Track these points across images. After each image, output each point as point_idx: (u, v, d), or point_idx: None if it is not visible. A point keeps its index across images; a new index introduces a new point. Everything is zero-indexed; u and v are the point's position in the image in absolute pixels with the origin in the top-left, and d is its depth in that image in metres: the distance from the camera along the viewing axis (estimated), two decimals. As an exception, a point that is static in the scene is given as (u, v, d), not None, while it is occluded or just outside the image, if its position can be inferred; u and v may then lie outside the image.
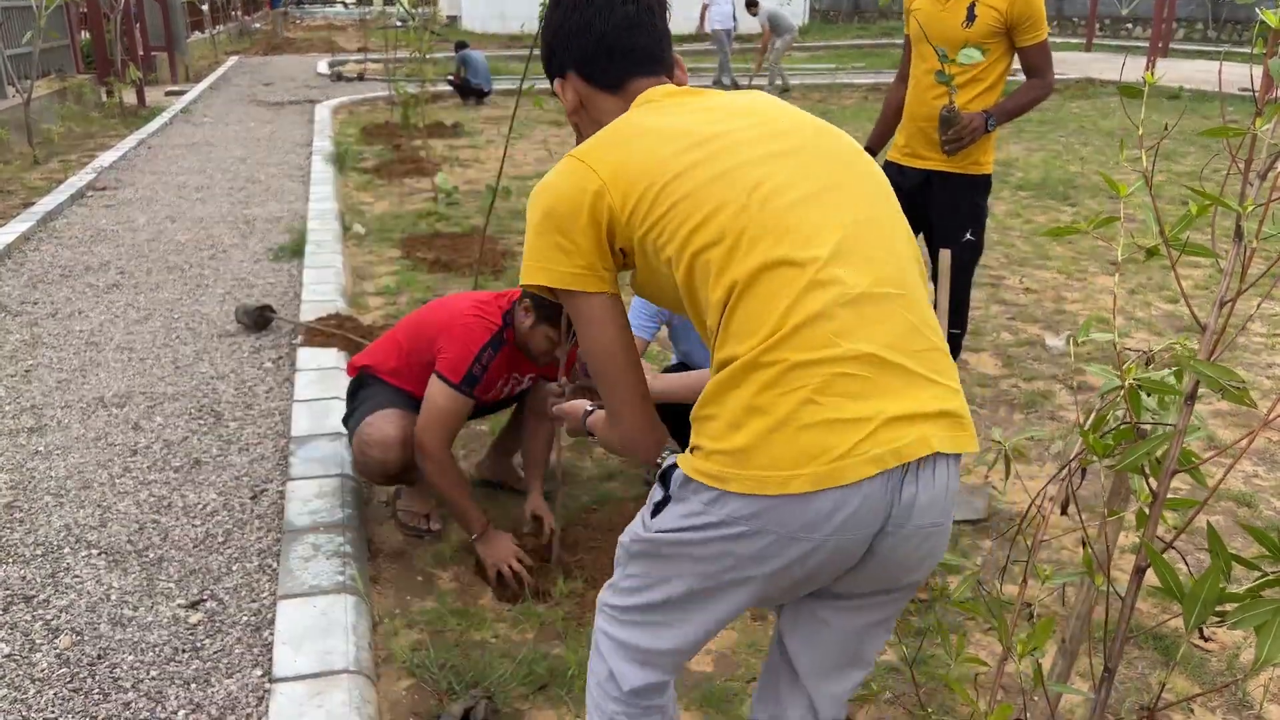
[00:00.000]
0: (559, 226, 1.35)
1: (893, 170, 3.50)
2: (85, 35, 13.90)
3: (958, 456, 1.30)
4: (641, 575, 1.42)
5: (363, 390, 2.91)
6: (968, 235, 3.36)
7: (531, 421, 3.01)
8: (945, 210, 3.37)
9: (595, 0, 1.47)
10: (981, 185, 3.35)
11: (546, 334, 2.65)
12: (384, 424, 2.72)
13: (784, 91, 14.40)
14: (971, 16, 3.15)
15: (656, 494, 1.38)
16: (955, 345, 3.58)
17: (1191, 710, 2.26)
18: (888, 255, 1.32)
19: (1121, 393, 1.36)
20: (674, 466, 1.35)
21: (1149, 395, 1.40)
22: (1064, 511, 1.59)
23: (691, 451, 1.31)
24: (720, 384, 1.27)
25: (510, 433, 3.20)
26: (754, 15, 14.87)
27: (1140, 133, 1.29)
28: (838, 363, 1.23)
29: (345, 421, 2.97)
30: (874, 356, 1.24)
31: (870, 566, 1.31)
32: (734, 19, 15.24)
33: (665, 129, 1.37)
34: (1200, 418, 1.38)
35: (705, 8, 15.11)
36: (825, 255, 1.26)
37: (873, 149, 3.61)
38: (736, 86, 15.14)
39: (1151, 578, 2.53)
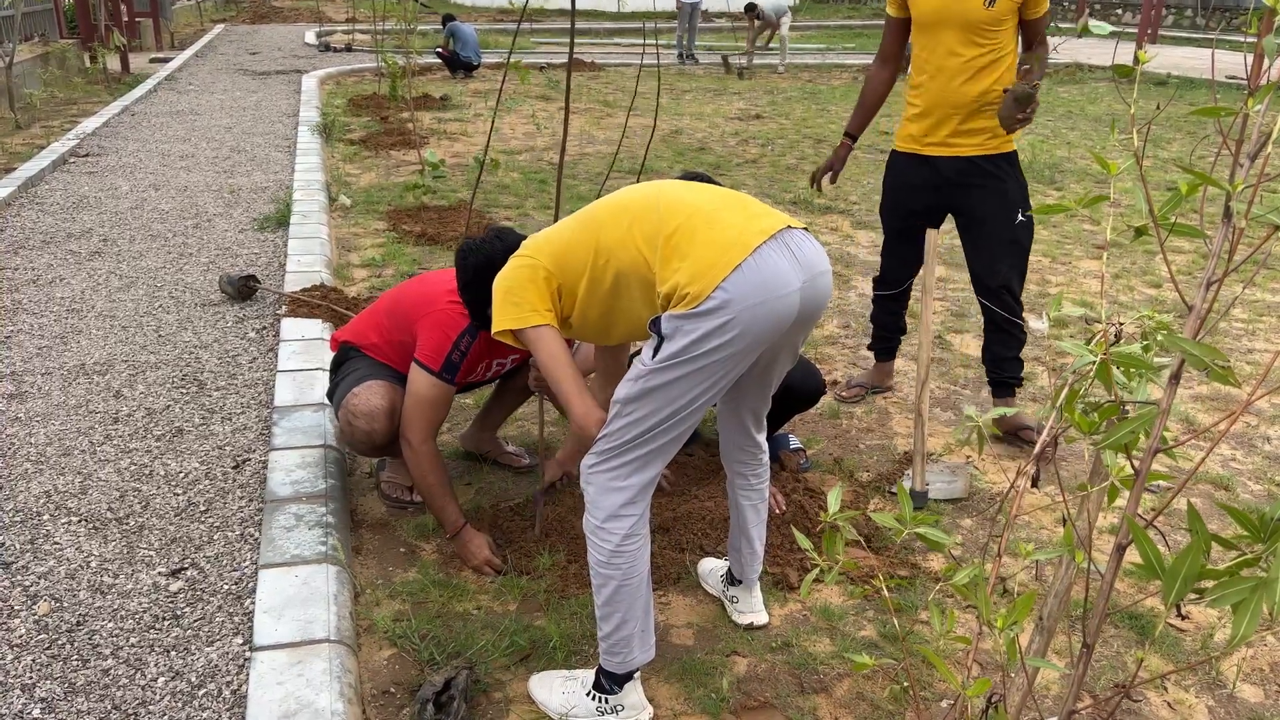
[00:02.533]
0: (510, 294, 2.04)
1: (912, 163, 3.37)
2: (68, -1, 13.68)
3: (806, 230, 2.00)
4: (643, 406, 1.90)
5: (346, 364, 2.90)
6: (1021, 215, 3.25)
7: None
8: (995, 196, 3.25)
9: None
10: (1016, 160, 3.28)
11: None
12: (369, 395, 2.71)
13: (741, 73, 14.24)
14: None
15: (652, 343, 1.89)
16: (1017, 338, 3.40)
17: (1165, 688, 2.29)
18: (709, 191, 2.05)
19: (1093, 368, 1.36)
20: (659, 321, 1.87)
21: (1123, 371, 1.40)
22: (1034, 485, 1.60)
23: (668, 310, 1.88)
24: (662, 272, 1.87)
25: (494, 407, 3.19)
26: (757, 18, 14.74)
27: (1132, 111, 1.29)
28: (706, 213, 1.90)
29: (330, 395, 2.96)
30: (730, 205, 1.94)
31: (803, 313, 1.93)
32: None
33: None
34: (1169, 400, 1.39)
35: None
36: (666, 202, 1.98)
37: (854, 134, 3.54)
38: (693, 59, 15.13)
39: (1130, 557, 2.55)
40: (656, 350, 1.88)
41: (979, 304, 3.42)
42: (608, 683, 2.08)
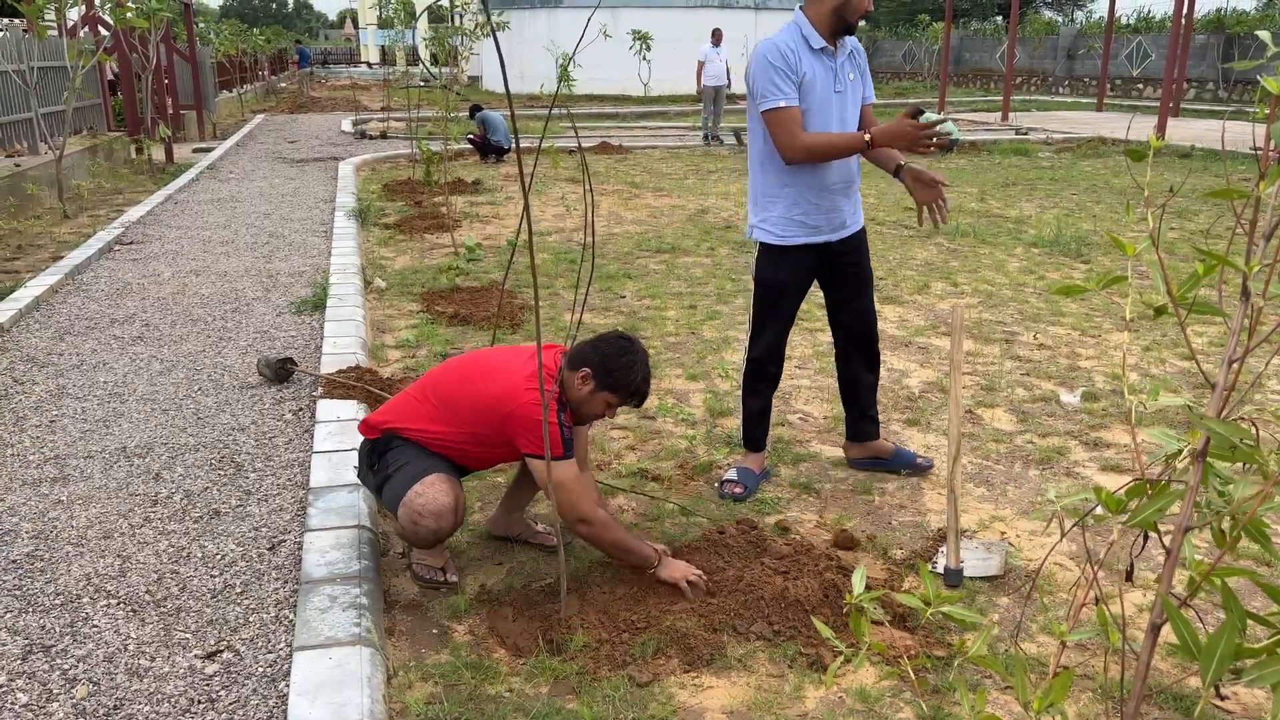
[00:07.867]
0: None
1: None
2: (117, 95, 14.26)
3: None
4: None
5: (391, 453, 2.87)
6: None
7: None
8: None
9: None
10: None
11: (606, 400, 2.79)
12: (435, 493, 2.74)
13: None
14: None
15: None
16: None
17: (1214, 773, 2.22)
18: None
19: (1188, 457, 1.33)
20: None
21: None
22: (1129, 578, 1.58)
23: None
24: None
25: (519, 488, 3.21)
26: None
27: (1145, 194, 1.33)
28: None
29: (378, 490, 2.91)
30: None
31: None
32: (728, 76, 15.69)
33: None
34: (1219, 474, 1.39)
35: (701, 66, 15.56)
36: None
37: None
38: (719, 140, 15.47)
39: (1167, 635, 2.51)
40: None
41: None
42: None
